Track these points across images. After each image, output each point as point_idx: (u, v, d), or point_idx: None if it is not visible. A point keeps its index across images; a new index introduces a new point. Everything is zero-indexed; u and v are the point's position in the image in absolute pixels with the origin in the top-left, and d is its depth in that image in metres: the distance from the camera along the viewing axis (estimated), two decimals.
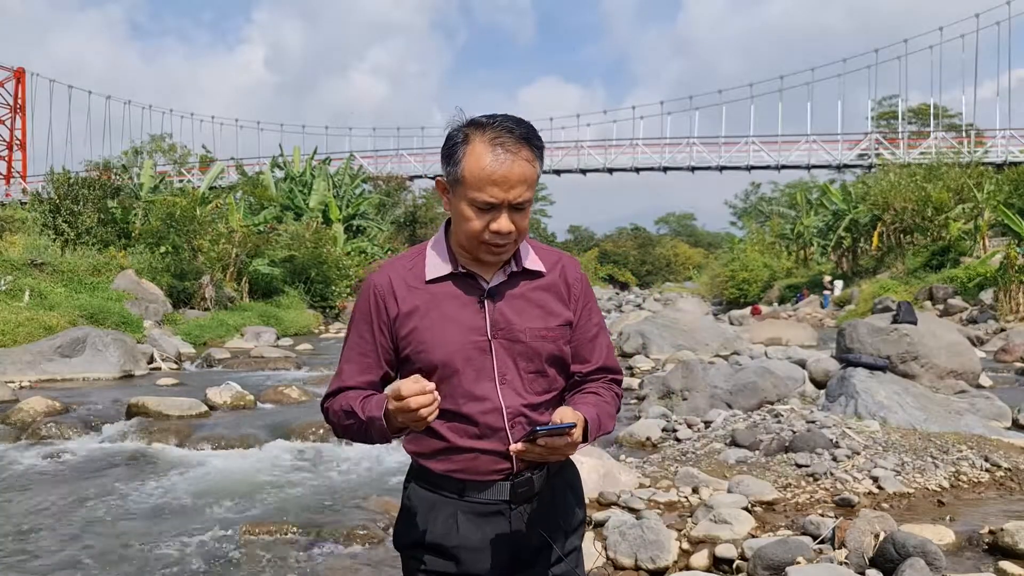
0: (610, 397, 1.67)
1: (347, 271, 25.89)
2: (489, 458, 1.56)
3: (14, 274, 15.70)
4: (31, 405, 7.69)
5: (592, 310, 1.69)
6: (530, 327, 1.57)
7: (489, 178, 1.45)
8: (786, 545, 3.46)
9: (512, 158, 1.45)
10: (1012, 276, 16.56)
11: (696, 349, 12.41)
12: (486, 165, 1.45)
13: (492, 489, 1.57)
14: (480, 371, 1.55)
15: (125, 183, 24.90)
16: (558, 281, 1.64)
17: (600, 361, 1.68)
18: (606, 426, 1.61)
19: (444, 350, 1.53)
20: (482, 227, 1.49)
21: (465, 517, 1.58)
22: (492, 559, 1.58)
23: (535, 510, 1.60)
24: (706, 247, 69.94)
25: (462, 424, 1.56)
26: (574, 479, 1.72)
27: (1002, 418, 6.87)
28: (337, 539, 4.35)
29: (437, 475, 1.60)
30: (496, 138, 1.46)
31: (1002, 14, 38.47)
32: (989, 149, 35.11)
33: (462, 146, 1.49)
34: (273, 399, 8.77)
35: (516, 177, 1.46)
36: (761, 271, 35.15)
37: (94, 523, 4.77)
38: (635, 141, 43.06)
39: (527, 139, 1.48)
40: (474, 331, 1.55)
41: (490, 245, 1.51)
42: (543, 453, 1.46)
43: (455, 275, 1.58)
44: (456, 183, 1.50)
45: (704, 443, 5.76)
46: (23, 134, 50.37)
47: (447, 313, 1.56)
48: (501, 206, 1.48)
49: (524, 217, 1.52)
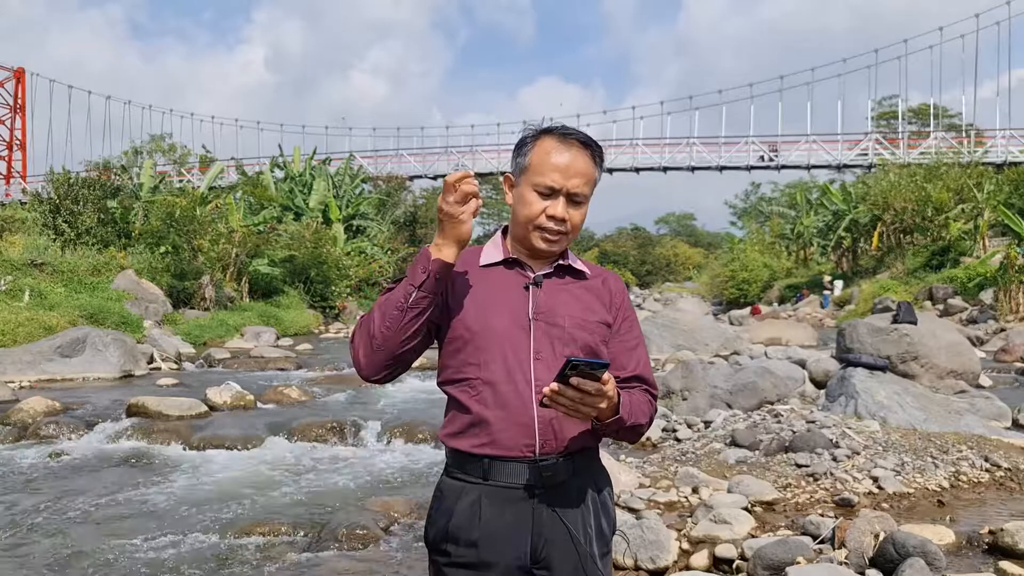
0: (644, 399, 1.69)
1: (347, 271, 25.90)
2: (515, 431, 1.59)
3: (14, 274, 15.70)
4: (31, 405, 7.69)
5: (633, 323, 1.77)
6: (570, 315, 1.65)
7: (553, 164, 1.61)
8: (786, 545, 3.47)
9: (576, 151, 1.63)
10: (1012, 276, 16.56)
11: (696, 349, 12.41)
12: (551, 151, 1.62)
13: (516, 471, 1.59)
14: (517, 346, 1.61)
15: (125, 183, 24.91)
16: (601, 287, 1.74)
17: (637, 370, 1.72)
18: (638, 417, 1.63)
19: (486, 320, 1.62)
20: (540, 211, 1.62)
21: (489, 501, 1.60)
22: (512, 548, 1.58)
23: (561, 503, 1.61)
24: (706, 247, 69.92)
25: (490, 393, 1.60)
26: (604, 484, 1.72)
27: (1002, 418, 6.87)
28: (337, 539, 4.34)
29: (465, 456, 1.63)
30: (565, 136, 1.64)
31: (1002, 14, 38.50)
32: (989, 149, 35.08)
33: (532, 141, 1.66)
34: (273, 399, 8.77)
35: (577, 168, 1.62)
36: (761, 271, 35.15)
37: (94, 523, 4.78)
38: (635, 141, 43.04)
39: (590, 145, 1.66)
40: (517, 311, 1.64)
41: (544, 231, 1.63)
42: (573, 399, 1.45)
43: (506, 262, 1.69)
44: (522, 171, 1.66)
45: (704, 443, 5.76)
46: (23, 134, 50.39)
47: (494, 291, 1.66)
48: (560, 192, 1.62)
49: (579, 211, 1.65)
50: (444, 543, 1.63)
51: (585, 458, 1.67)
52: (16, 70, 50.32)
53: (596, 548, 1.65)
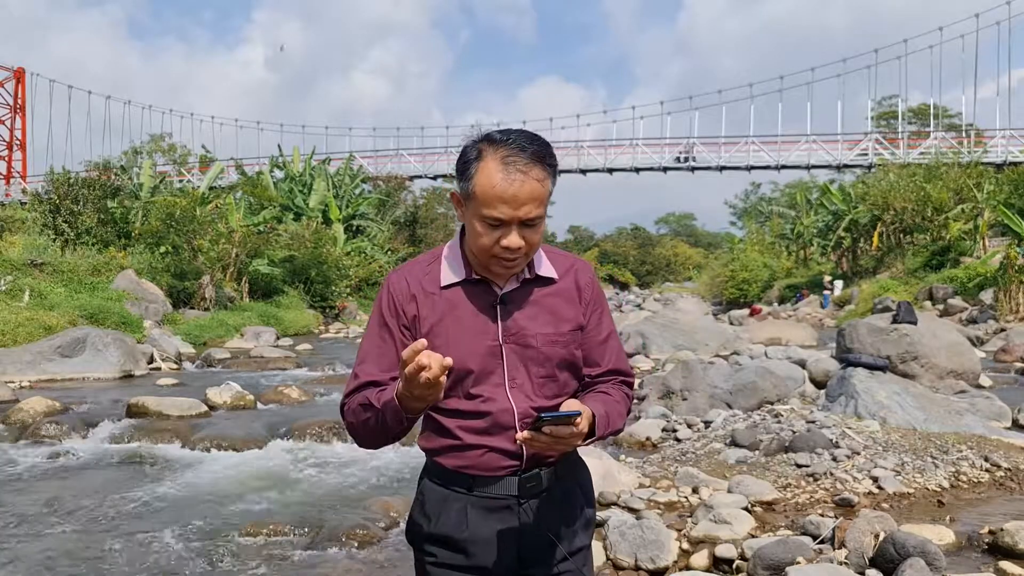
0: (620, 396, 1.68)
1: (347, 271, 25.91)
2: (498, 455, 1.59)
3: (14, 274, 15.71)
4: (31, 405, 7.69)
5: (603, 314, 1.72)
6: (541, 332, 1.60)
7: (499, 196, 1.47)
8: (786, 545, 3.46)
9: (523, 178, 1.47)
10: (1012, 276, 16.56)
11: (696, 349, 12.41)
12: (496, 183, 1.47)
13: (501, 484, 1.60)
14: (491, 374, 1.58)
15: (125, 183, 24.91)
16: (571, 286, 1.67)
17: (611, 364, 1.70)
18: (615, 423, 1.62)
19: (457, 353, 1.53)
20: (492, 242, 1.52)
21: (475, 511, 1.60)
22: (500, 553, 1.60)
23: (544, 507, 1.62)
24: (706, 247, 70.00)
25: (472, 422, 1.59)
26: (584, 479, 1.73)
27: (1002, 418, 6.87)
28: (337, 539, 4.34)
29: (448, 471, 1.63)
30: (508, 156, 1.48)
31: (1002, 14, 38.52)
32: (989, 149, 35.10)
33: (475, 163, 1.51)
34: (273, 399, 8.76)
35: (525, 195, 1.48)
36: (761, 271, 35.18)
37: (93, 523, 4.77)
38: (635, 141, 43.07)
39: (539, 157, 1.50)
40: (486, 336, 1.58)
41: (501, 259, 1.54)
42: (548, 443, 1.44)
43: (469, 281, 1.61)
44: (468, 198, 1.53)
45: (704, 443, 5.76)
46: (23, 134, 50.41)
47: (461, 318, 1.59)
48: (511, 223, 1.50)
49: (535, 232, 1.54)
50: (429, 544, 1.64)
51: (567, 461, 1.67)
52: (16, 70, 50.33)
53: (581, 540, 1.67)
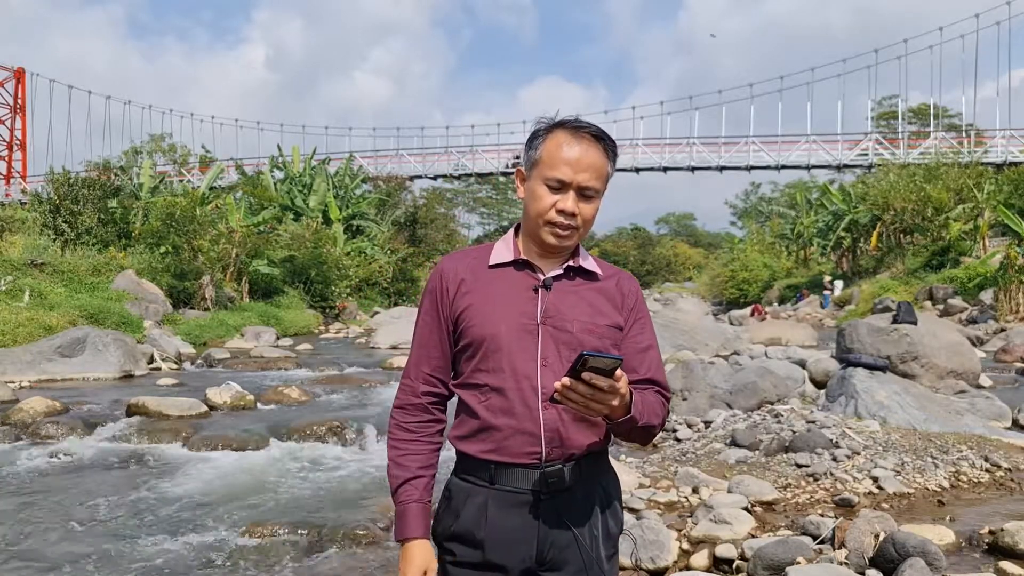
0: (656, 400, 1.66)
1: (347, 271, 25.91)
2: (521, 439, 1.59)
3: (14, 274, 15.71)
4: (31, 405, 7.69)
5: (646, 325, 1.74)
6: (579, 319, 1.63)
7: (563, 158, 1.58)
8: (786, 545, 3.46)
9: (588, 146, 1.59)
10: (1012, 276, 16.57)
11: (696, 349, 12.41)
12: (562, 144, 1.59)
13: (523, 477, 1.60)
14: (524, 351, 1.60)
15: (125, 183, 24.92)
16: (613, 288, 1.71)
17: (648, 373, 1.69)
18: (650, 418, 1.59)
19: (493, 327, 1.61)
20: (549, 206, 1.60)
21: (495, 505, 1.60)
22: (518, 551, 1.59)
23: (565, 506, 1.61)
24: (706, 247, 69.94)
25: (498, 400, 1.60)
26: (610, 484, 1.72)
27: (1002, 418, 6.88)
28: (337, 540, 4.35)
29: (472, 460, 1.64)
30: (577, 129, 1.60)
31: (1002, 14, 38.55)
32: (989, 149, 35.11)
33: (544, 134, 1.63)
34: (273, 399, 8.76)
35: (588, 162, 1.59)
36: (761, 271, 35.20)
37: (93, 523, 4.77)
38: (635, 141, 43.05)
39: (603, 138, 1.62)
40: (525, 315, 1.62)
41: (555, 225, 1.61)
42: (585, 395, 1.40)
43: (516, 263, 1.68)
44: (533, 165, 1.63)
45: (704, 443, 5.76)
46: (23, 134, 50.43)
47: (502, 294, 1.65)
48: (570, 186, 1.59)
49: (590, 206, 1.62)
50: (450, 542, 1.65)
51: (591, 461, 1.66)
52: (16, 70, 50.35)
53: (603, 551, 1.65)
